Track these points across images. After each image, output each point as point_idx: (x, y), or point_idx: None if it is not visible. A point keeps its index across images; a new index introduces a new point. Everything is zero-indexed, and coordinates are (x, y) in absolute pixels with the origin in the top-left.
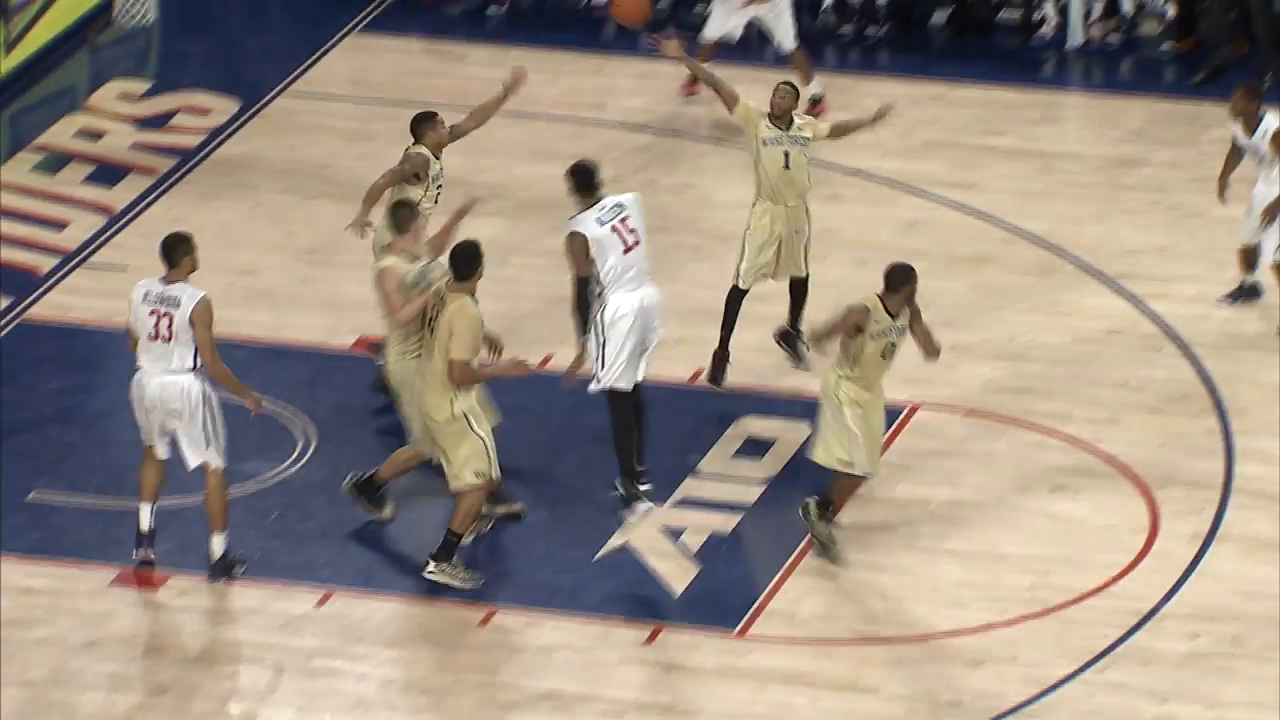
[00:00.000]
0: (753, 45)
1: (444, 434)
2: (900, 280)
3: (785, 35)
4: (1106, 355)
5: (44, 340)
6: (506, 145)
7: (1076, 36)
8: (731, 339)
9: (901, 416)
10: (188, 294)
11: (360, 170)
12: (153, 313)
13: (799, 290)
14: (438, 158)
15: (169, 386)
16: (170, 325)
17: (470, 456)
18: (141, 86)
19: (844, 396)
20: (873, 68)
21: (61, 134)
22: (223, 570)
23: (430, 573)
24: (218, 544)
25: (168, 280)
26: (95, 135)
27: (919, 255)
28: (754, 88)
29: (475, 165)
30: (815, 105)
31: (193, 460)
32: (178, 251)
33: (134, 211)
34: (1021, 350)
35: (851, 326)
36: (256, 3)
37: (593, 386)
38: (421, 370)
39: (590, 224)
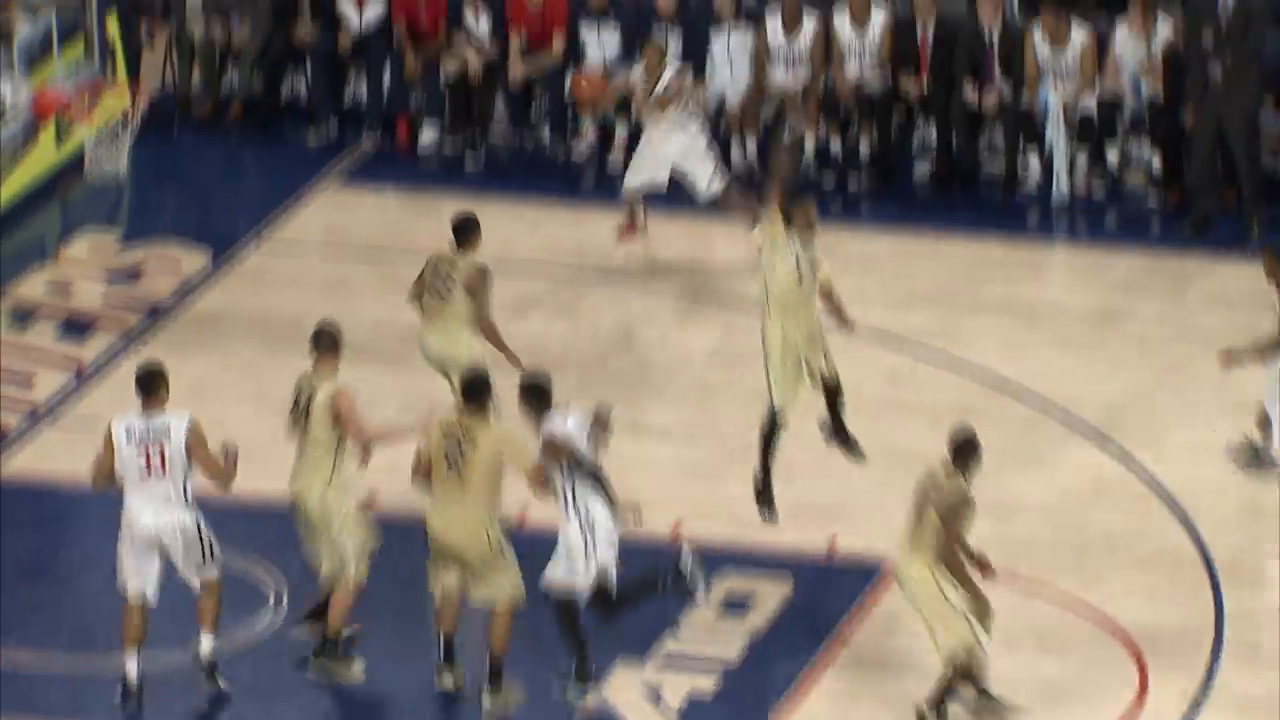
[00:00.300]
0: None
1: (489, 567)
2: (971, 451)
3: (704, 178)
4: (1093, 511)
5: (10, 498)
6: None
7: (1061, 188)
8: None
9: (885, 571)
10: (175, 422)
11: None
12: (141, 447)
13: (833, 390)
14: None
15: (165, 523)
16: (163, 458)
17: (512, 581)
18: (113, 239)
19: (949, 593)
20: (855, 219)
21: (31, 287)
22: (208, 674)
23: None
24: (206, 644)
25: (148, 413)
26: (65, 288)
27: (903, 408)
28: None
29: None
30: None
31: (195, 581)
32: (156, 383)
33: (104, 366)
34: (1008, 505)
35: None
36: (230, 154)
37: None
38: (444, 513)
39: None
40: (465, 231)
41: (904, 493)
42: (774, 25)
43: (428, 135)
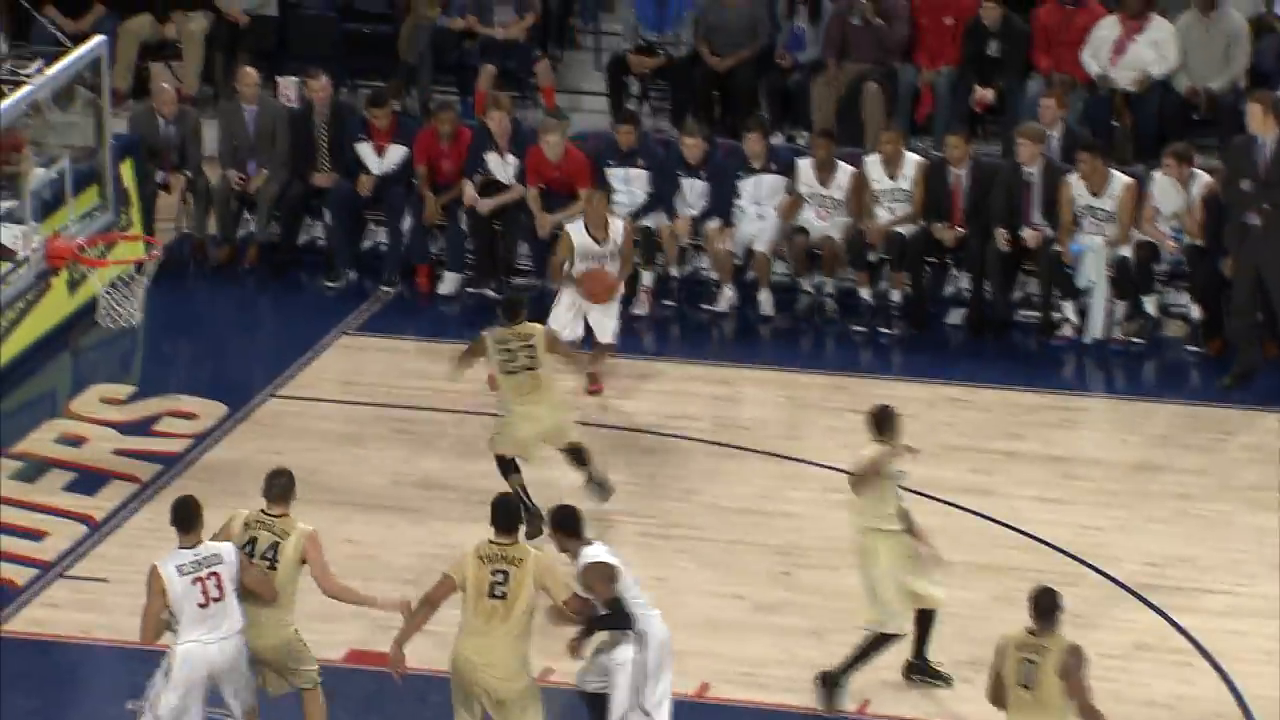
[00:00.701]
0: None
1: (521, 705)
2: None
3: (606, 331)
4: (1134, 670)
5: (19, 656)
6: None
7: (1097, 337)
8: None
9: None
10: (224, 548)
11: (351, 475)
12: (196, 580)
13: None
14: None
15: (230, 648)
16: (219, 584)
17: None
18: (125, 391)
19: None
20: (886, 369)
21: (41, 440)
22: None
23: None
24: None
25: (193, 545)
26: (76, 441)
27: (936, 565)
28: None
29: (470, 470)
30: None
31: (241, 712)
32: (196, 516)
33: (115, 520)
34: None
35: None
36: (244, 303)
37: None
38: (480, 646)
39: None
40: (517, 306)
41: (937, 648)
42: (806, 171)
43: (448, 282)
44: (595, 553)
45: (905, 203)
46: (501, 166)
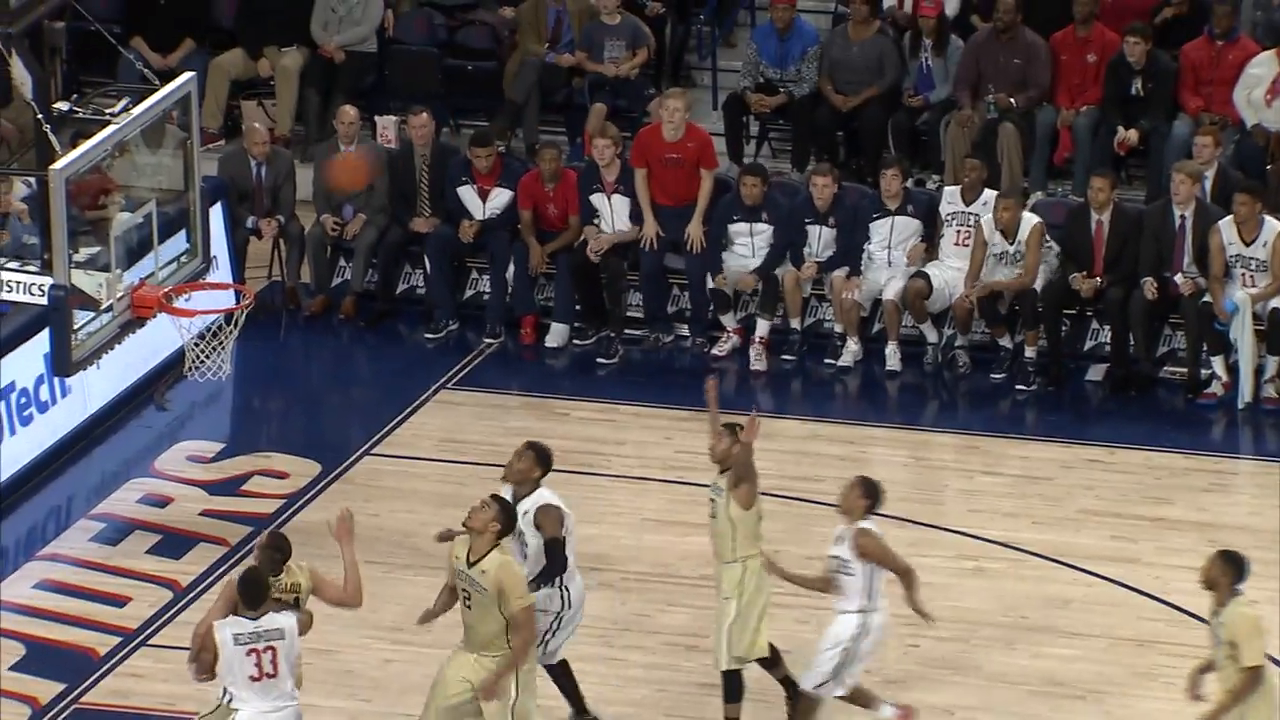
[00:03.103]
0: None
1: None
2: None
3: None
4: None
5: None
6: (613, 512)
7: (1246, 395)
8: None
9: None
10: (286, 623)
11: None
12: (251, 652)
13: None
14: None
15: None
16: (274, 661)
17: None
18: (213, 449)
19: None
20: (1020, 429)
21: (124, 500)
22: None
23: None
24: None
25: (255, 617)
26: (161, 502)
27: (1073, 638)
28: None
29: (578, 533)
30: None
31: None
32: (264, 591)
33: (202, 586)
34: None
35: None
36: (339, 356)
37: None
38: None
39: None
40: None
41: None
42: (952, 193)
43: (555, 334)
44: (548, 495)
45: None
46: (608, 209)
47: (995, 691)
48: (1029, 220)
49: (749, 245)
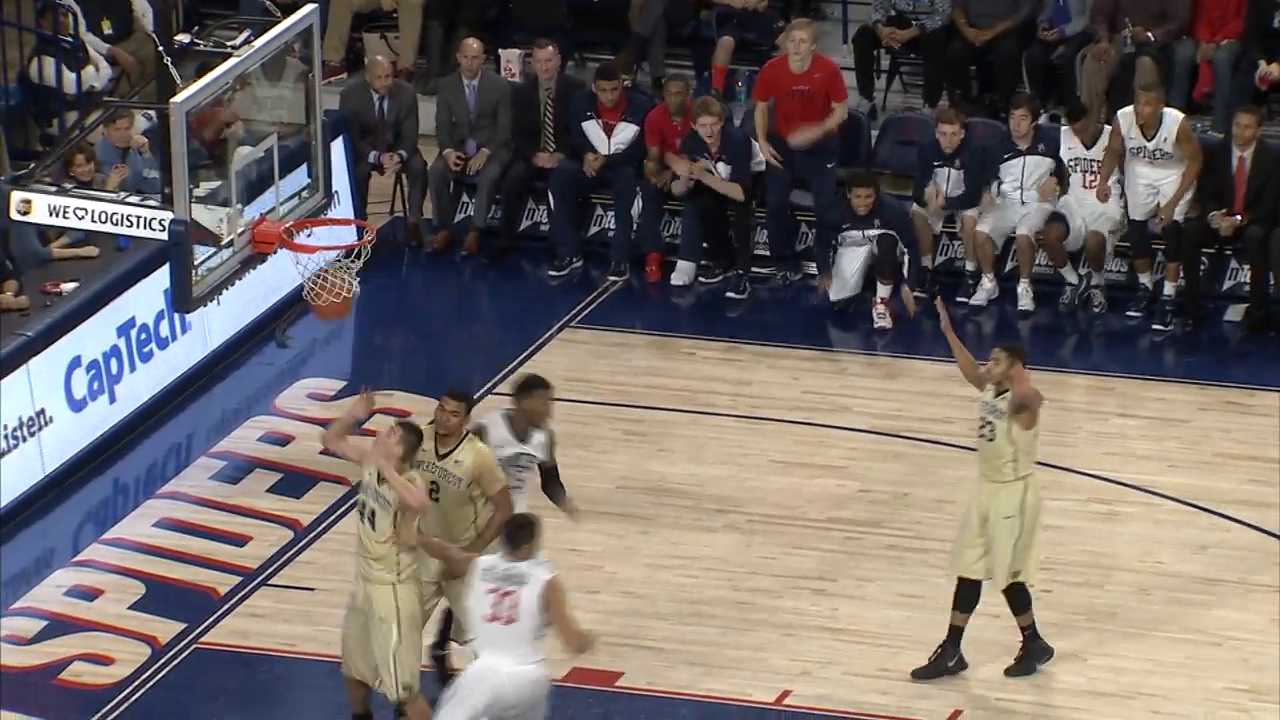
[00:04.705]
0: None
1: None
2: None
3: None
4: None
5: (222, 669)
6: (739, 453)
7: None
8: None
9: None
10: (535, 572)
11: (575, 479)
12: (492, 590)
13: None
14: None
15: (521, 681)
16: (515, 605)
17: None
18: (334, 386)
19: None
20: (1157, 370)
21: (244, 439)
22: None
23: None
24: None
25: (511, 559)
26: (282, 440)
27: (1210, 583)
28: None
29: (703, 475)
30: None
31: None
32: (523, 534)
33: (324, 525)
34: None
35: None
36: (462, 293)
37: None
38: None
39: None
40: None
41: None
42: (1068, 137)
43: (681, 272)
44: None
45: (1166, 163)
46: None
47: (1128, 640)
48: (1172, 117)
49: (860, 253)
